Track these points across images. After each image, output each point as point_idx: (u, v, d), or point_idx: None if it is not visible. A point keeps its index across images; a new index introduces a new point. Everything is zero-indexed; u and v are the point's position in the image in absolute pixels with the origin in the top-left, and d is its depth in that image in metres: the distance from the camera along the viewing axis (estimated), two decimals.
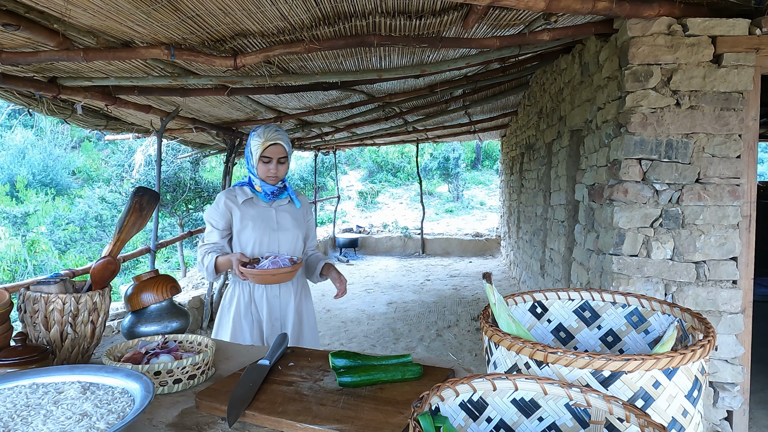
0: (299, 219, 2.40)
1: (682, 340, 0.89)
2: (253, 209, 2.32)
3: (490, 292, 0.91)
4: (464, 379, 0.73)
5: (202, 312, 6.20)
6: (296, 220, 2.37)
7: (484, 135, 10.26)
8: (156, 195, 1.66)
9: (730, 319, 2.78)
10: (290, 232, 2.34)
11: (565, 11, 2.53)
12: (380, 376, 1.19)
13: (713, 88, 2.71)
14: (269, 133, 2.21)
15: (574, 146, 4.19)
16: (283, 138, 2.25)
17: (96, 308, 1.38)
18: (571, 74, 4.08)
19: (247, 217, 2.30)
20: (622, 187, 2.82)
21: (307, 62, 3.55)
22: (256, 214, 2.31)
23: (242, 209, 2.31)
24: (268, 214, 2.33)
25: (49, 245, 12.21)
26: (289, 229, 2.34)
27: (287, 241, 2.33)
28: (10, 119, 16.87)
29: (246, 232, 2.29)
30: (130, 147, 13.09)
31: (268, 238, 2.29)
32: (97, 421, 0.87)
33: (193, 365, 1.23)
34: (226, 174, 6.56)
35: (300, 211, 2.42)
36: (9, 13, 2.31)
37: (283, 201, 2.38)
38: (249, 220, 2.29)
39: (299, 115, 5.65)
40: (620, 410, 0.66)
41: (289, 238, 2.33)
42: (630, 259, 2.84)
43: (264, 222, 2.31)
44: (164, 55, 2.81)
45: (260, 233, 2.28)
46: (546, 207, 5.37)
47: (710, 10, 2.69)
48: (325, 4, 2.54)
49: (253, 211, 2.32)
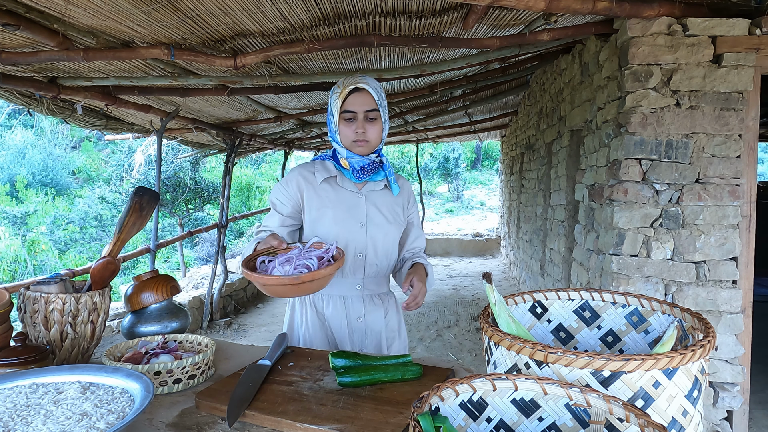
0: (397, 211, 1.80)
1: (682, 340, 0.89)
2: (335, 193, 1.73)
3: (490, 292, 0.91)
4: (464, 379, 0.73)
5: (202, 312, 6.20)
6: (393, 213, 1.78)
7: (484, 135, 10.26)
8: (156, 195, 1.66)
9: (730, 319, 2.78)
10: (383, 228, 1.74)
11: (565, 11, 2.53)
12: (380, 376, 1.19)
13: (713, 88, 2.71)
14: (350, 79, 1.66)
15: (574, 146, 4.19)
16: (369, 82, 1.66)
17: (96, 308, 1.38)
18: (571, 74, 4.08)
19: (327, 203, 1.71)
20: (622, 187, 2.82)
21: (307, 62, 3.55)
22: (339, 200, 1.72)
23: (320, 192, 1.73)
24: (356, 202, 1.73)
25: (49, 245, 12.21)
26: (382, 225, 1.74)
27: (379, 240, 1.74)
28: (10, 119, 16.87)
29: (323, 223, 1.70)
30: (130, 147, 13.09)
31: (354, 235, 1.71)
32: (97, 421, 0.87)
33: (193, 365, 1.23)
34: (226, 174, 6.56)
35: (399, 200, 1.82)
36: (9, 13, 2.31)
37: (377, 184, 1.77)
38: (329, 208, 1.71)
39: (299, 115, 5.64)
40: (620, 410, 0.66)
41: (380, 236, 1.74)
42: (630, 259, 2.84)
43: (349, 212, 1.71)
44: (164, 55, 2.81)
45: (342, 227, 1.69)
46: (546, 207, 5.37)
47: (710, 10, 2.69)
48: (325, 4, 2.54)
49: (336, 195, 1.73)
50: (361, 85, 1.65)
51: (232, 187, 7.55)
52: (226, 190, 6.57)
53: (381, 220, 1.74)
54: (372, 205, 1.75)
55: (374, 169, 1.73)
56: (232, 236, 14.57)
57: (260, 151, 8.45)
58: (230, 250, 12.07)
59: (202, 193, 10.89)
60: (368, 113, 1.66)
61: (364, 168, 1.71)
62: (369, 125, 1.67)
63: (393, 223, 1.77)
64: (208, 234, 11.17)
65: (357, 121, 1.66)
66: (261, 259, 1.45)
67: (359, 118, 1.66)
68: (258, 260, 1.44)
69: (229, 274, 7.27)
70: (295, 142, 8.17)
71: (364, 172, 1.71)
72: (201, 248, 12.29)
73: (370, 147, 1.70)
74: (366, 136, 1.67)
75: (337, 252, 1.47)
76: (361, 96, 1.66)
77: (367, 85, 1.65)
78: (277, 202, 1.76)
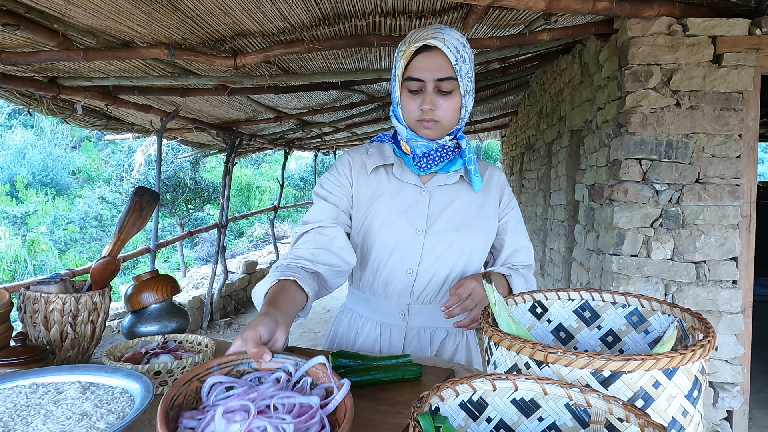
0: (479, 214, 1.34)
1: (682, 340, 0.89)
2: (390, 186, 1.33)
3: (490, 292, 0.91)
4: (464, 379, 0.73)
5: (202, 312, 6.20)
6: (471, 216, 1.33)
7: (484, 135, 10.26)
8: (156, 195, 1.66)
9: (730, 319, 2.78)
10: (447, 237, 1.30)
11: (565, 11, 2.53)
12: (380, 376, 1.19)
13: (713, 88, 2.71)
14: (420, 33, 1.21)
15: (574, 146, 4.19)
16: (445, 37, 1.19)
17: (96, 308, 1.38)
18: (571, 74, 4.08)
19: (377, 199, 1.32)
20: (622, 187, 2.82)
21: (307, 62, 3.55)
22: (393, 196, 1.32)
23: (371, 183, 1.34)
24: (416, 200, 1.32)
25: (49, 245, 12.21)
26: (447, 233, 1.30)
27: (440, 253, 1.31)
28: (10, 119, 16.87)
29: (370, 228, 1.32)
30: (130, 147, 13.10)
31: (408, 245, 1.31)
32: (97, 421, 0.87)
33: (193, 365, 1.23)
34: (226, 174, 6.56)
35: (484, 198, 1.36)
36: (9, 13, 2.31)
37: (449, 176, 1.33)
38: (378, 206, 1.31)
39: (299, 115, 5.64)
40: (620, 410, 0.66)
41: (442, 248, 1.30)
42: (630, 259, 2.84)
43: (404, 214, 1.31)
44: (164, 55, 2.81)
45: (392, 234, 1.30)
46: (546, 207, 5.37)
47: (710, 10, 2.69)
48: (325, 4, 2.54)
49: (390, 189, 1.33)
50: (432, 41, 1.17)
51: (232, 187, 7.56)
52: (226, 190, 6.57)
53: (446, 225, 1.31)
54: (437, 204, 1.32)
55: (445, 156, 1.30)
56: (232, 236, 14.57)
57: (260, 151, 8.46)
58: (230, 250, 12.08)
59: (202, 193, 10.90)
60: (440, 82, 1.20)
61: (430, 155, 1.29)
62: (441, 99, 1.22)
63: (467, 229, 1.31)
64: (208, 234, 11.18)
65: (425, 93, 1.22)
66: (212, 382, 0.84)
67: (428, 89, 1.22)
68: (206, 386, 0.83)
69: (229, 274, 7.27)
70: (295, 142, 8.17)
71: (429, 160, 1.29)
72: (201, 248, 12.30)
73: (441, 129, 1.26)
74: (435, 115, 1.23)
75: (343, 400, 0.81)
76: (433, 57, 1.19)
77: (442, 42, 1.17)
78: (323, 191, 1.34)
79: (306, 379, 0.88)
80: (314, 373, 0.90)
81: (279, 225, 12.98)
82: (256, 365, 0.90)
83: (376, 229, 1.31)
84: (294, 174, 17.29)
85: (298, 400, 0.81)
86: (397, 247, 1.31)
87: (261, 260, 8.44)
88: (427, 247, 1.30)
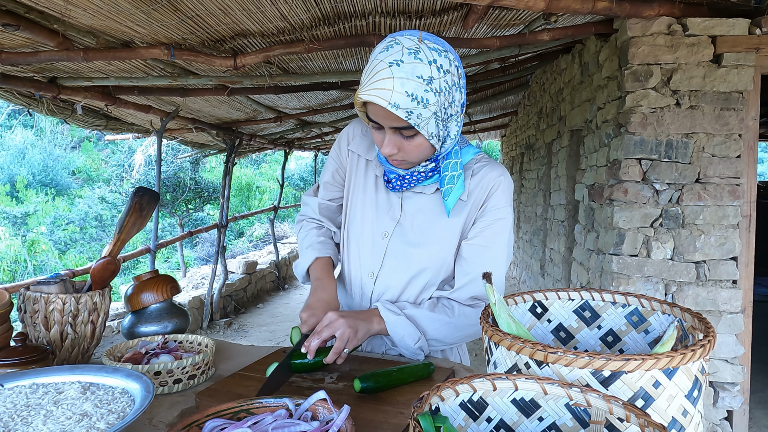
0: (446, 226, 1.25)
1: (682, 340, 0.89)
2: (368, 178, 1.35)
3: (490, 292, 0.91)
4: (464, 379, 0.73)
5: (202, 312, 6.20)
6: (438, 228, 1.26)
7: (484, 135, 10.26)
8: (156, 195, 1.66)
9: (730, 319, 2.78)
10: (406, 251, 1.27)
11: (565, 11, 2.53)
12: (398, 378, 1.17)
13: (713, 88, 2.71)
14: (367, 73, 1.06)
15: (574, 146, 4.19)
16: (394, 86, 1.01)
17: (96, 308, 1.38)
18: (571, 74, 4.08)
19: (356, 191, 1.35)
20: (622, 187, 2.82)
21: (307, 62, 3.54)
22: (372, 190, 1.33)
23: (362, 169, 1.35)
24: (391, 202, 1.31)
25: (49, 245, 12.21)
26: (408, 244, 1.27)
27: (399, 265, 1.28)
28: (10, 119, 16.87)
29: (347, 222, 1.36)
30: (130, 147, 13.10)
31: (375, 249, 1.31)
32: (97, 421, 0.87)
33: (193, 365, 1.23)
34: (226, 174, 6.56)
35: (459, 211, 1.25)
36: (9, 13, 2.31)
37: (428, 187, 1.26)
38: (356, 199, 1.34)
39: (299, 115, 5.64)
40: (620, 410, 0.66)
41: (401, 260, 1.28)
42: (630, 259, 2.84)
43: (378, 214, 1.31)
44: (164, 55, 2.81)
45: (367, 235, 1.32)
46: (546, 207, 5.37)
47: (710, 10, 2.69)
48: (325, 4, 2.54)
49: (369, 182, 1.35)
50: (372, 98, 1.03)
51: (232, 187, 7.56)
52: (226, 190, 6.57)
53: (411, 236, 1.26)
54: (407, 211, 1.28)
55: (422, 179, 1.23)
56: (232, 236, 14.57)
57: (260, 151, 8.45)
58: (230, 250, 12.08)
59: (202, 193, 10.90)
60: (400, 130, 1.09)
61: (404, 178, 1.24)
62: (405, 141, 1.11)
63: (430, 244, 1.25)
64: (208, 234, 11.18)
65: (385, 134, 1.12)
66: (211, 426, 0.85)
67: (387, 133, 1.11)
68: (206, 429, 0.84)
69: (229, 274, 7.27)
70: (295, 142, 8.17)
71: (404, 182, 1.24)
72: (201, 248, 12.30)
73: (411, 164, 1.19)
74: (400, 155, 1.15)
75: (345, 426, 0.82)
76: (383, 109, 1.05)
77: (387, 98, 1.01)
78: (326, 168, 1.42)
79: (306, 414, 0.91)
80: (313, 409, 0.92)
81: (279, 225, 12.98)
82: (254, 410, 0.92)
83: (349, 225, 1.36)
84: (294, 174, 17.29)
85: (300, 428, 0.83)
86: (362, 249, 1.33)
87: (261, 260, 8.44)
88: (389, 253, 1.30)
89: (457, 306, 1.24)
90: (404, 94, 1.02)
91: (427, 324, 1.23)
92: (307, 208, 1.48)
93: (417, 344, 1.21)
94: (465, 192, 1.24)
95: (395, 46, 1.04)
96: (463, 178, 1.21)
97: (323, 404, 0.91)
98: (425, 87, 1.03)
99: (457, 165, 1.20)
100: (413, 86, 1.02)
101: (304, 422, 0.85)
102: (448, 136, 1.16)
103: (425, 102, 1.04)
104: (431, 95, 1.04)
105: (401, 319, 1.20)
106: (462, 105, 1.14)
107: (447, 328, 1.23)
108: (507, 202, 1.25)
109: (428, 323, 1.22)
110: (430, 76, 1.03)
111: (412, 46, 1.04)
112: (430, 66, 1.04)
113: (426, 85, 1.03)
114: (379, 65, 1.03)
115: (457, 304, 1.25)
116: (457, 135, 1.17)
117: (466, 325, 1.24)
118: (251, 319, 6.67)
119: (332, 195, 1.44)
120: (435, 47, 1.06)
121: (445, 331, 1.23)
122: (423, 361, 1.25)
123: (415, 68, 1.02)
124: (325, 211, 1.46)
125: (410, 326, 1.21)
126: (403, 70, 1.02)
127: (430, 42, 1.06)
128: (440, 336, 1.23)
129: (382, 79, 1.02)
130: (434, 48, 1.06)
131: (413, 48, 1.03)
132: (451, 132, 1.15)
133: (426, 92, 1.03)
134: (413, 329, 1.21)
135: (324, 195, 1.45)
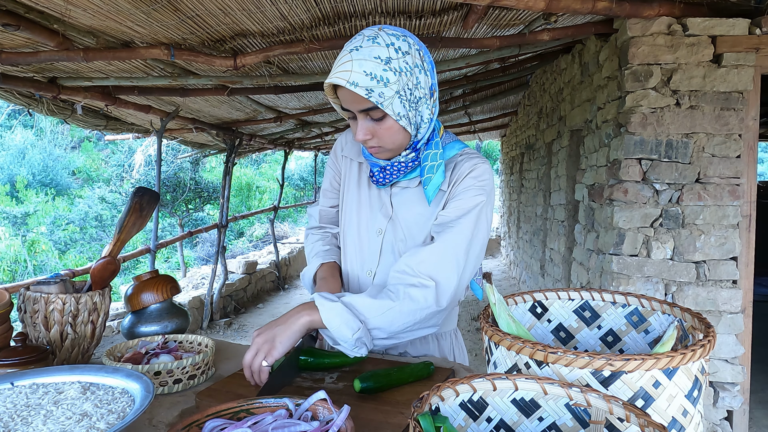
0: (432, 216, 1.27)
1: (682, 340, 0.89)
2: (362, 177, 1.38)
3: (490, 292, 0.91)
4: (464, 379, 0.73)
5: (202, 312, 6.20)
6: (427, 220, 1.28)
7: (484, 135, 10.26)
8: (156, 195, 1.66)
9: (730, 318, 2.78)
10: (404, 245, 1.30)
11: (565, 11, 2.53)
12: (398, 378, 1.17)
13: (713, 87, 2.71)
14: (337, 61, 1.11)
15: (574, 146, 4.19)
16: (353, 68, 1.07)
17: (96, 308, 1.38)
18: (571, 74, 4.08)
19: (349, 191, 1.39)
20: (622, 187, 2.82)
21: (307, 62, 3.54)
22: (364, 189, 1.37)
23: (355, 172, 1.39)
24: (383, 200, 1.34)
25: (49, 245, 12.21)
26: (410, 238, 1.29)
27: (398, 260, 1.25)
28: (10, 119, 16.87)
29: (351, 216, 1.38)
30: (130, 147, 13.11)
31: (370, 247, 1.34)
32: (97, 421, 0.87)
33: (193, 365, 1.23)
34: (226, 174, 6.56)
35: (439, 202, 1.26)
36: (9, 13, 2.31)
37: (412, 180, 1.30)
38: (350, 198, 1.39)
39: (299, 115, 5.65)
40: (620, 410, 0.66)
41: (399, 254, 1.30)
42: (630, 259, 2.84)
43: (371, 212, 1.35)
44: (164, 55, 2.81)
45: (362, 234, 1.36)
46: (546, 207, 5.37)
47: (710, 10, 2.69)
48: (325, 4, 2.54)
49: (362, 180, 1.38)
50: (336, 80, 1.07)
51: (232, 187, 7.56)
52: (226, 190, 6.57)
53: (405, 231, 1.29)
54: (398, 207, 1.30)
55: (404, 170, 1.25)
56: (232, 236, 14.57)
57: (260, 151, 8.45)
58: (230, 250, 12.08)
59: (202, 193, 10.90)
60: (366, 112, 1.12)
61: (387, 170, 1.26)
62: (376, 125, 1.14)
63: (417, 236, 1.28)
64: (208, 234, 11.18)
65: (357, 122, 1.16)
66: (211, 426, 0.85)
67: (358, 119, 1.15)
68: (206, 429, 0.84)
69: (229, 274, 7.27)
70: (295, 142, 8.18)
71: (386, 175, 1.26)
72: (201, 248, 12.30)
73: (388, 152, 1.21)
74: (374, 142, 1.18)
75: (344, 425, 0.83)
76: (347, 91, 1.10)
77: (347, 78, 1.06)
78: (325, 177, 1.50)
79: (306, 414, 0.91)
80: (313, 409, 0.91)
81: (279, 225, 12.98)
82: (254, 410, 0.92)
83: (345, 225, 1.40)
84: (294, 174, 17.29)
85: (300, 428, 0.83)
86: (359, 247, 1.36)
87: (261, 260, 8.44)
88: (385, 249, 1.32)
89: (402, 288, 1.13)
90: (362, 73, 1.06)
91: (367, 311, 1.11)
92: (312, 219, 1.55)
93: (356, 335, 1.08)
94: (445, 182, 1.25)
95: (358, 36, 1.12)
96: (443, 168, 1.23)
97: (323, 404, 0.91)
98: (383, 66, 1.08)
99: (437, 155, 1.22)
100: (371, 66, 1.07)
101: (304, 422, 0.86)
102: (422, 121, 1.19)
103: (385, 81, 1.08)
104: (390, 74, 1.08)
105: (337, 306, 1.09)
106: (431, 89, 1.17)
107: (391, 314, 1.11)
108: (479, 187, 1.22)
109: (368, 310, 1.11)
110: (387, 57, 1.09)
111: (372, 34, 1.11)
112: (388, 48, 1.09)
113: (384, 64, 1.08)
114: (342, 53, 1.10)
115: (402, 286, 1.13)
116: (432, 120, 1.21)
117: (413, 311, 1.12)
118: (251, 319, 6.68)
119: (332, 202, 1.51)
120: (393, 33, 1.12)
121: (389, 317, 1.11)
122: (422, 360, 1.26)
123: (372, 50, 1.08)
124: (326, 216, 1.53)
125: (347, 313, 1.09)
126: (362, 53, 1.08)
127: (389, 29, 1.13)
128: (383, 323, 1.11)
129: (343, 62, 1.08)
130: (392, 33, 1.12)
131: (372, 35, 1.11)
132: (423, 116, 1.18)
133: (385, 71, 1.08)
134: (351, 317, 1.09)
135: (324, 202, 1.52)
